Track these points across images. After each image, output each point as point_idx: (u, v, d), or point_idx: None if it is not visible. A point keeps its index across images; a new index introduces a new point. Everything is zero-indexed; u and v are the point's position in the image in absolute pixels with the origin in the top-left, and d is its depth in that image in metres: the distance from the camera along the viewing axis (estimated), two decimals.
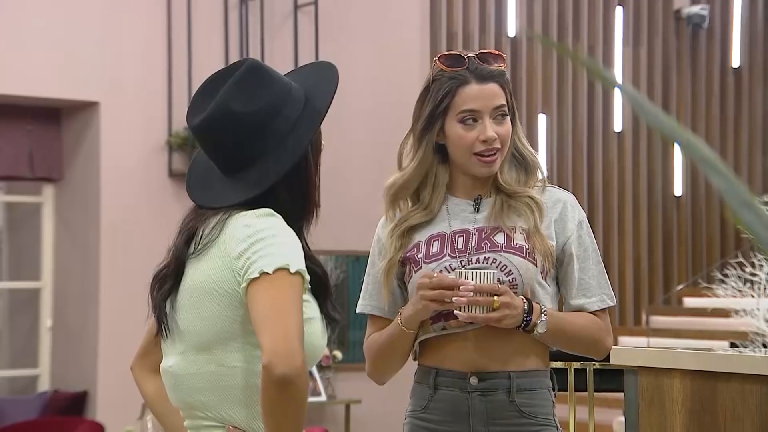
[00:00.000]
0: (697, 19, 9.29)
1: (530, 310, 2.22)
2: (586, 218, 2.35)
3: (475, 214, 2.30)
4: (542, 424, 2.26)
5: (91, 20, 7.03)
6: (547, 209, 2.28)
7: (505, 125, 2.29)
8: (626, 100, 0.89)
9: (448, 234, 2.29)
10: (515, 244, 2.24)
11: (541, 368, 2.29)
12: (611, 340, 2.33)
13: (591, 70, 0.89)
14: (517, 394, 2.24)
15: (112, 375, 6.86)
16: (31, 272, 7.50)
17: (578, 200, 2.41)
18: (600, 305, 2.30)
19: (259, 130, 1.90)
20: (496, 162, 2.28)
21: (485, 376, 2.24)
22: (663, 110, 4.26)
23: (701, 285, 7.93)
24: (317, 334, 1.89)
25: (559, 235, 2.28)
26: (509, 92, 2.32)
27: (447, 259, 2.26)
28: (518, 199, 2.27)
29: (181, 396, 1.92)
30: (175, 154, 7.22)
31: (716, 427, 2.55)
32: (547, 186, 2.34)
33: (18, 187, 7.56)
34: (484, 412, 2.24)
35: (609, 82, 0.88)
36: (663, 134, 0.86)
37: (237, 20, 7.48)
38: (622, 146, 9.09)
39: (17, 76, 6.87)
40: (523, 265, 2.23)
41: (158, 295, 1.93)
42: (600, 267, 2.31)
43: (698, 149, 0.84)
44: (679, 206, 9.35)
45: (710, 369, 2.59)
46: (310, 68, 2.08)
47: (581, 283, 2.28)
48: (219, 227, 1.88)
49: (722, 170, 0.83)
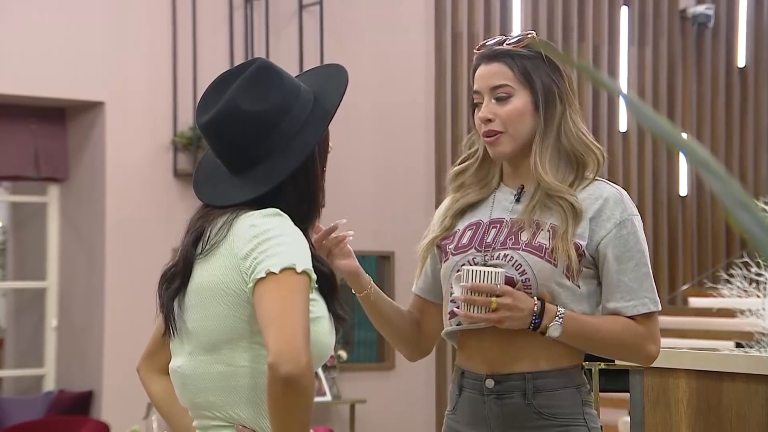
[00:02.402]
0: (703, 19, 9.28)
1: (541, 313, 2.13)
2: (635, 217, 2.19)
3: (514, 204, 2.23)
4: (565, 424, 2.16)
5: (97, 20, 7.04)
6: (587, 207, 2.17)
7: (507, 106, 2.21)
8: (629, 109, 0.89)
9: (484, 223, 2.24)
10: (536, 243, 2.16)
11: (564, 366, 2.17)
12: (655, 347, 2.17)
13: (594, 79, 0.89)
14: (535, 396, 2.16)
15: (117, 375, 6.87)
16: (36, 272, 7.51)
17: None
18: (640, 310, 2.16)
19: (267, 130, 1.90)
20: (500, 143, 2.21)
21: (501, 379, 2.18)
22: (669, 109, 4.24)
23: (706, 285, 7.91)
24: (325, 333, 1.89)
25: (594, 234, 2.16)
26: (521, 71, 2.20)
27: (472, 252, 2.22)
28: (555, 199, 2.17)
29: (190, 396, 1.92)
30: (180, 154, 7.22)
31: (721, 427, 2.54)
32: (597, 180, 2.21)
33: (23, 187, 7.57)
34: (501, 416, 2.18)
35: (612, 91, 0.88)
36: (667, 142, 0.86)
37: (242, 20, 7.48)
38: (627, 146, 9.08)
39: (23, 77, 6.88)
40: (539, 265, 2.15)
41: (166, 295, 1.94)
42: (645, 269, 2.17)
43: (698, 154, 0.84)
44: (685, 206, 9.34)
45: (715, 369, 2.58)
46: (321, 70, 2.08)
47: (619, 286, 2.16)
48: (226, 227, 1.88)
49: (720, 173, 0.83)
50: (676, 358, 2.72)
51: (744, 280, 5.87)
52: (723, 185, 0.82)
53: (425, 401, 7.90)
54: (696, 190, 9.38)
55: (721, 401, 2.56)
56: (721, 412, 2.56)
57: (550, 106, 2.21)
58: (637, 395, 2.75)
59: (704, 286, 8.45)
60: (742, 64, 9.64)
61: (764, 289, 4.47)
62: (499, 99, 2.22)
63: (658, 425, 2.69)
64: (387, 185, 7.83)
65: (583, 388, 2.20)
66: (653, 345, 2.18)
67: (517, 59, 2.22)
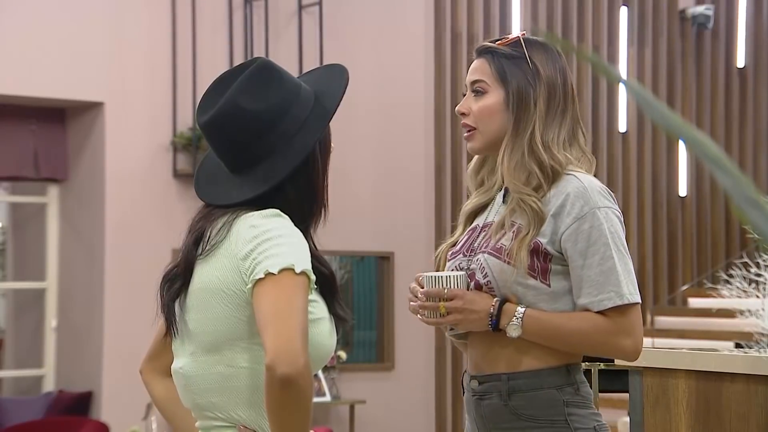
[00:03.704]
0: (702, 19, 9.28)
1: (498, 313, 2.12)
2: (600, 209, 2.12)
3: (501, 206, 2.24)
4: (547, 426, 2.13)
5: (96, 21, 7.04)
6: (551, 204, 2.15)
7: (480, 102, 2.21)
8: (631, 96, 0.88)
9: (479, 227, 2.25)
10: (498, 245, 2.15)
11: (542, 367, 2.14)
12: (631, 342, 2.11)
13: (595, 65, 0.89)
14: (512, 396, 2.14)
15: (117, 375, 6.87)
16: (36, 272, 7.51)
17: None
18: (606, 304, 2.10)
19: (268, 129, 1.90)
20: (473, 139, 2.22)
21: (483, 380, 2.19)
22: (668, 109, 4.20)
23: (706, 285, 7.91)
24: (325, 334, 1.89)
25: (556, 230, 2.13)
26: (498, 68, 2.19)
27: (460, 257, 2.24)
28: (522, 202, 2.16)
29: (192, 397, 1.92)
30: (180, 154, 7.23)
31: (721, 427, 2.54)
32: (566, 174, 2.16)
33: (23, 187, 7.57)
34: (484, 416, 2.19)
35: (613, 78, 0.88)
36: (668, 131, 0.85)
37: (241, 21, 7.48)
38: (627, 146, 9.08)
39: (23, 77, 6.88)
40: (497, 267, 2.14)
41: (167, 296, 1.94)
42: (610, 263, 2.12)
43: (704, 146, 0.84)
44: (684, 206, 9.34)
45: (715, 369, 2.58)
46: (322, 70, 2.09)
47: (585, 281, 2.11)
48: (226, 228, 1.88)
49: (728, 168, 0.82)
50: (675, 358, 2.72)
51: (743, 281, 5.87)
52: (733, 182, 0.81)
53: (425, 402, 7.90)
54: (696, 191, 9.38)
55: (721, 402, 2.56)
56: (720, 412, 2.56)
57: (522, 108, 2.18)
58: (636, 396, 2.75)
59: (704, 286, 8.45)
60: (742, 64, 9.64)
61: (764, 290, 4.47)
62: (476, 93, 2.24)
63: (658, 426, 2.69)
64: (386, 186, 7.82)
65: (566, 388, 2.14)
66: (627, 339, 2.11)
67: (496, 57, 2.21)
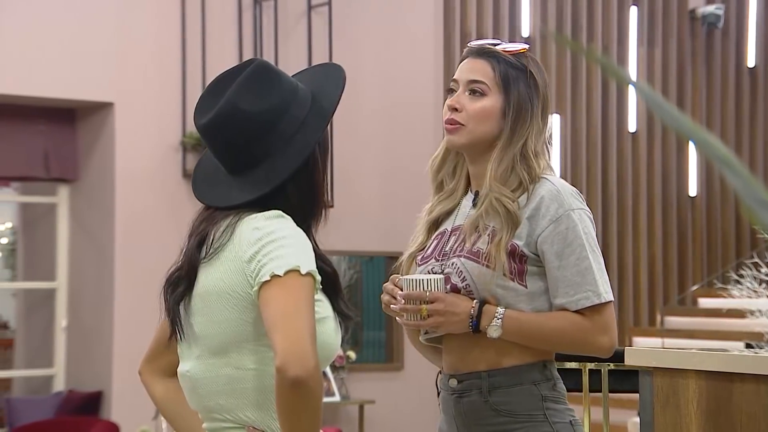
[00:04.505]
0: (712, 19, 9.26)
1: (479, 315, 2.16)
2: (574, 211, 2.18)
3: (471, 210, 2.27)
4: (525, 421, 2.18)
5: (106, 21, 7.05)
6: (525, 207, 2.19)
7: (477, 103, 2.23)
8: (641, 97, 0.88)
9: (447, 232, 2.28)
10: (474, 249, 2.19)
11: (520, 364, 2.19)
12: (608, 339, 2.17)
13: (605, 67, 0.89)
14: (492, 393, 2.18)
15: (126, 375, 6.88)
16: (46, 272, 7.53)
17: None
18: (584, 303, 2.16)
19: (266, 130, 1.90)
20: (457, 132, 2.23)
21: (462, 378, 2.22)
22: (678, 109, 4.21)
23: (716, 285, 7.90)
24: (330, 333, 1.89)
25: (532, 232, 2.18)
26: (502, 75, 2.22)
27: (432, 262, 2.27)
28: (496, 203, 2.19)
29: (200, 400, 1.93)
30: (189, 154, 7.24)
31: (732, 428, 2.54)
32: (541, 177, 2.21)
33: (33, 187, 7.59)
34: (463, 414, 2.22)
35: (623, 80, 0.88)
36: (678, 132, 0.85)
37: (251, 21, 7.49)
38: (637, 146, 9.06)
39: (32, 77, 6.89)
40: (476, 270, 2.18)
41: (171, 299, 1.94)
42: (586, 263, 2.16)
43: (714, 147, 0.84)
44: (694, 206, 9.32)
45: (725, 370, 2.58)
46: (317, 69, 2.08)
47: (562, 281, 2.16)
48: (230, 230, 1.88)
49: (738, 168, 0.82)
50: (686, 358, 2.72)
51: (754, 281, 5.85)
52: (743, 183, 0.81)
53: (434, 402, 7.87)
54: (706, 191, 9.36)
55: (732, 402, 2.56)
56: (731, 412, 2.55)
57: (518, 119, 2.23)
58: (646, 396, 2.74)
59: (714, 286, 8.43)
60: (752, 64, 9.62)
61: None
62: (473, 93, 2.25)
63: (668, 426, 2.69)
64: (395, 186, 7.82)
65: (542, 384, 2.20)
66: (603, 336, 2.17)
67: (502, 63, 2.25)
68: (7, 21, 6.83)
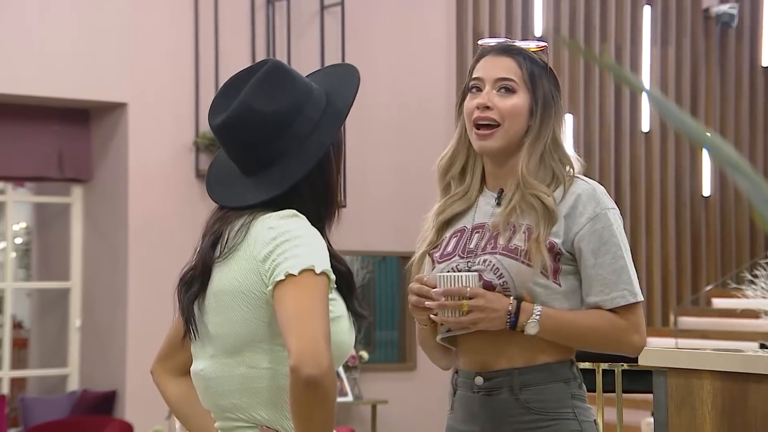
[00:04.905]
0: (726, 18, 9.23)
1: (517, 312, 2.15)
2: (609, 210, 2.21)
3: (494, 208, 2.26)
4: (555, 418, 2.18)
5: (119, 22, 7.07)
6: (561, 205, 2.20)
7: (509, 101, 2.22)
8: (653, 105, 0.88)
9: (468, 230, 2.27)
10: (511, 246, 2.19)
11: (552, 361, 2.20)
12: (639, 338, 2.19)
13: (617, 75, 0.89)
14: (522, 390, 2.19)
15: (140, 374, 6.90)
16: (60, 272, 7.55)
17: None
18: (619, 302, 2.18)
19: (281, 130, 1.90)
20: (492, 137, 2.23)
21: (489, 375, 2.21)
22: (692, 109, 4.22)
23: (730, 285, 7.87)
24: (345, 332, 1.89)
25: (569, 230, 2.19)
26: (529, 72, 2.23)
27: (456, 259, 2.25)
28: (529, 198, 2.20)
29: (213, 399, 1.93)
30: (203, 154, 7.25)
31: (746, 429, 2.53)
32: (575, 177, 2.24)
33: (47, 187, 7.62)
34: (491, 411, 2.21)
35: (636, 87, 0.88)
36: (690, 138, 0.85)
37: (264, 21, 7.50)
38: (650, 146, 9.04)
39: (46, 78, 6.92)
40: (515, 268, 2.17)
41: (185, 299, 1.94)
42: (621, 262, 2.19)
43: (724, 152, 0.84)
44: (708, 206, 9.29)
45: (740, 370, 2.57)
46: (332, 70, 2.08)
47: (597, 280, 2.18)
48: (244, 230, 1.89)
49: (748, 173, 0.82)
50: (700, 359, 2.71)
51: None
52: (752, 185, 0.81)
53: (446, 402, 7.89)
54: (719, 191, 9.33)
55: (746, 402, 2.55)
56: (746, 413, 2.55)
57: (545, 115, 2.25)
58: (661, 396, 2.74)
59: (728, 286, 8.40)
60: (766, 63, 9.58)
61: None
62: (503, 91, 2.24)
63: (683, 426, 2.68)
64: (408, 185, 7.82)
65: (572, 382, 2.21)
66: (636, 335, 2.19)
67: (527, 60, 2.26)
68: (21, 22, 6.86)
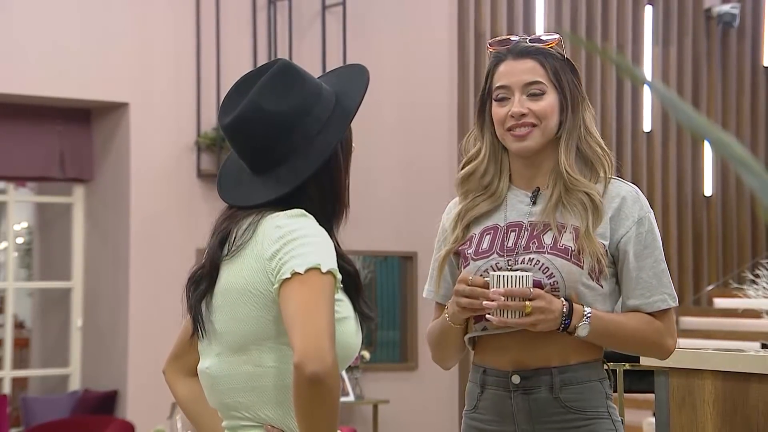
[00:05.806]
0: (728, 18, 9.22)
1: (570, 313, 2.15)
2: (650, 214, 2.25)
3: (531, 206, 2.24)
4: (593, 418, 2.19)
5: (121, 22, 7.08)
6: (606, 206, 2.21)
7: (541, 102, 2.23)
8: (656, 97, 0.88)
9: (501, 228, 2.25)
10: (561, 246, 2.18)
11: (589, 360, 2.20)
12: (673, 342, 2.22)
13: (620, 66, 0.88)
14: (562, 389, 2.18)
15: (142, 374, 6.90)
16: (61, 272, 7.55)
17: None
18: (660, 306, 2.20)
19: (290, 130, 1.91)
20: (530, 136, 2.22)
21: (527, 374, 2.20)
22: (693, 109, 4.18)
23: (732, 285, 7.87)
24: (351, 333, 1.89)
25: (614, 232, 2.20)
26: (552, 70, 2.24)
27: (495, 257, 2.23)
28: (575, 195, 2.19)
29: (219, 397, 1.93)
30: (204, 154, 7.26)
31: (748, 428, 2.53)
32: (613, 179, 2.25)
33: (49, 187, 7.62)
34: (528, 410, 2.19)
35: (638, 79, 0.87)
36: (694, 132, 0.85)
37: (265, 21, 7.50)
38: (651, 146, 9.04)
39: (48, 78, 6.92)
40: (566, 268, 2.17)
41: (193, 297, 1.95)
42: (662, 266, 2.22)
43: (730, 147, 0.83)
44: (709, 206, 9.28)
45: (742, 370, 2.57)
46: (342, 70, 2.09)
47: (639, 283, 2.20)
48: (252, 229, 1.89)
49: (756, 169, 0.82)
50: (701, 359, 2.71)
51: None
52: (761, 183, 0.81)
53: (448, 401, 7.89)
54: (721, 190, 9.32)
55: (748, 402, 2.55)
56: (747, 413, 2.54)
57: (575, 107, 2.25)
58: (662, 396, 2.73)
59: (729, 286, 8.39)
60: None
61: None
62: (532, 95, 2.24)
63: (684, 426, 2.68)
64: (410, 186, 7.82)
65: (605, 381, 2.23)
66: (671, 339, 2.22)
67: (549, 58, 2.26)
68: (22, 22, 6.86)
